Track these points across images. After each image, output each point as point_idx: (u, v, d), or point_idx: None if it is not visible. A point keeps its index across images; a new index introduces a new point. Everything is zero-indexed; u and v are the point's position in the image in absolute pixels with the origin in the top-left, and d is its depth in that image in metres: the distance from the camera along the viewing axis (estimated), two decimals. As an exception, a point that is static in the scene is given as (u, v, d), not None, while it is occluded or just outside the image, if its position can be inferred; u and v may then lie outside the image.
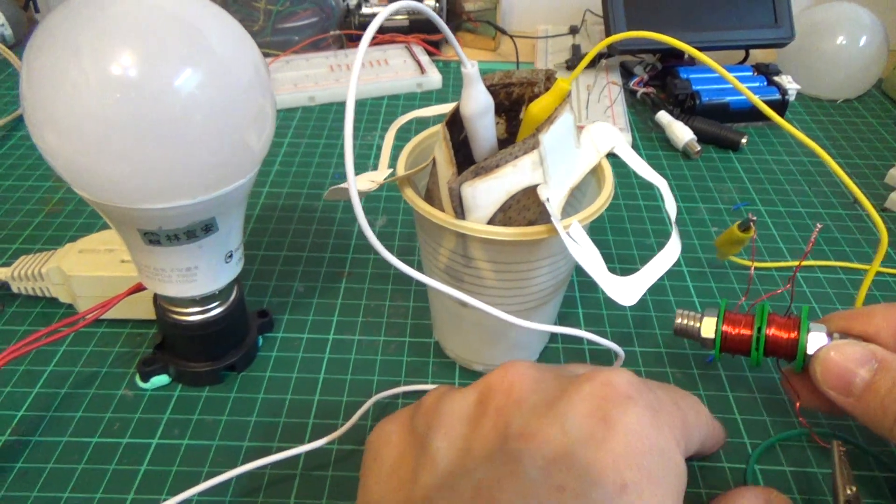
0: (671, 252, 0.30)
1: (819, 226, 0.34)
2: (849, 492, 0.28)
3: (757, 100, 0.34)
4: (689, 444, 0.25)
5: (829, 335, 0.31)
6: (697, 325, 0.33)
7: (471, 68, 0.28)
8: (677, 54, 0.68)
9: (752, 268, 0.37)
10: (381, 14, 0.24)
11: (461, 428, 0.23)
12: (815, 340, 0.30)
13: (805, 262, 0.46)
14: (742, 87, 0.33)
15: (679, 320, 0.34)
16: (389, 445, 0.24)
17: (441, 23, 0.27)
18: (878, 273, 0.45)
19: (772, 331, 0.32)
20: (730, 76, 0.33)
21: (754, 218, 0.35)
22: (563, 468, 0.20)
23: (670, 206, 0.32)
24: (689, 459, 0.27)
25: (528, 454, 0.21)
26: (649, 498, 0.20)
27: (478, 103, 0.29)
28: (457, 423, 0.23)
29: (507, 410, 0.22)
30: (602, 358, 0.38)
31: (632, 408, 0.22)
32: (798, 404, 0.32)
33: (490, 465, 0.21)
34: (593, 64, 0.69)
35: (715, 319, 0.33)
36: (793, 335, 0.31)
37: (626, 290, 0.28)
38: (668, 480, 0.21)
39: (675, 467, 0.22)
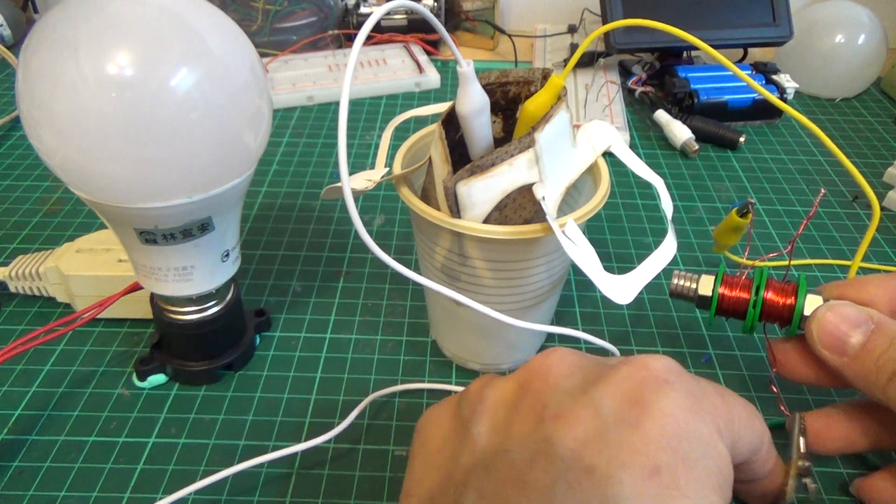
0: (667, 251, 0.30)
1: (822, 191, 0.34)
2: (801, 464, 0.28)
3: (765, 91, 0.34)
4: (735, 440, 0.23)
5: (825, 301, 0.31)
6: (694, 285, 0.33)
7: (466, 67, 0.28)
8: (676, 53, 0.68)
9: (744, 263, 0.36)
10: (376, 13, 0.24)
11: (501, 412, 0.23)
12: (812, 303, 0.31)
13: (802, 262, 0.46)
14: (748, 79, 0.33)
15: (676, 281, 0.34)
16: (436, 430, 0.25)
17: (435, 21, 0.27)
18: (872, 269, 0.45)
19: (769, 294, 0.32)
20: (733, 66, 0.33)
21: (753, 201, 0.35)
22: (595, 450, 0.20)
23: (666, 204, 0.32)
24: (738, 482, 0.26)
25: (560, 435, 0.21)
26: (685, 483, 0.19)
27: (473, 102, 0.29)
28: (498, 407, 0.23)
29: (544, 393, 0.23)
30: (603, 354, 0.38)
31: (669, 391, 0.21)
32: (774, 370, 0.32)
33: (524, 446, 0.21)
34: (591, 63, 0.69)
35: (713, 279, 0.33)
36: (789, 300, 0.31)
37: (621, 288, 0.28)
38: (707, 468, 0.20)
39: (717, 456, 0.21)
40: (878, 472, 0.31)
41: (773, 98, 0.34)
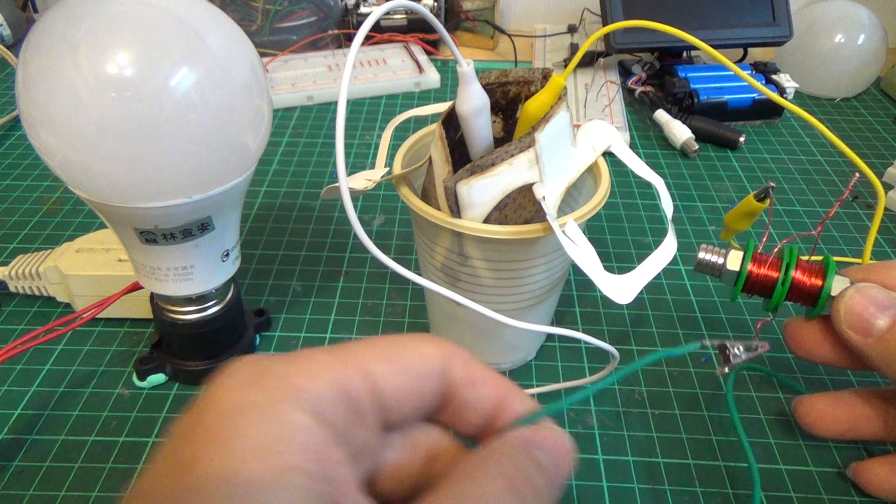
0: (667, 251, 0.30)
1: (857, 175, 0.33)
2: (737, 351, 0.27)
3: (767, 90, 0.34)
4: (361, 387, 0.19)
5: (852, 283, 0.31)
6: (722, 259, 0.32)
7: (466, 67, 0.28)
8: (676, 53, 0.68)
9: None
10: (375, 13, 0.24)
11: None
12: (840, 285, 0.31)
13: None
14: (748, 77, 0.33)
15: (702, 254, 0.33)
16: None
17: (435, 21, 0.27)
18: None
19: (797, 273, 0.31)
20: (733, 65, 0.33)
21: (773, 185, 0.33)
22: (147, 471, 0.18)
23: (666, 204, 0.32)
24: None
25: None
26: (219, 466, 0.17)
27: (473, 102, 0.29)
28: None
29: None
30: (599, 357, 0.38)
31: (224, 379, 0.19)
32: (759, 325, 0.32)
33: None
34: (591, 63, 0.69)
35: (741, 255, 0.32)
36: (817, 281, 0.31)
37: (621, 288, 0.28)
38: (265, 439, 0.17)
39: (282, 424, 0.17)
40: (878, 458, 0.32)
41: (775, 96, 0.34)
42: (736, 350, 0.27)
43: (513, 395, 0.21)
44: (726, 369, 0.28)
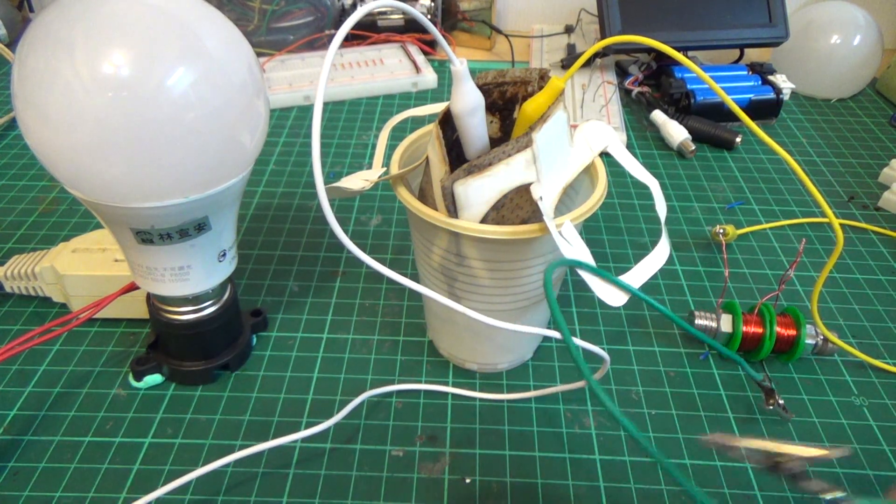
0: (660, 255, 0.30)
1: (804, 240, 0.36)
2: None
3: (731, 101, 0.33)
4: None
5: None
6: (715, 324, 0.38)
7: (459, 65, 0.28)
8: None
9: (726, 279, 0.38)
10: (359, 11, 0.24)
11: None
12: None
13: (783, 223, 0.46)
14: (720, 90, 0.33)
15: (699, 321, 0.38)
16: None
17: (425, 20, 0.27)
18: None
19: (777, 327, 0.36)
20: (708, 78, 0.32)
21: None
22: None
23: (660, 207, 0.32)
24: None
25: None
26: None
27: (467, 100, 0.29)
28: None
29: None
30: (597, 357, 0.38)
31: None
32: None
33: None
34: (588, 63, 0.69)
35: (731, 317, 0.38)
36: (791, 331, 0.36)
37: (615, 290, 0.29)
38: None
39: None
40: None
41: (737, 108, 0.33)
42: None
43: None
44: None
